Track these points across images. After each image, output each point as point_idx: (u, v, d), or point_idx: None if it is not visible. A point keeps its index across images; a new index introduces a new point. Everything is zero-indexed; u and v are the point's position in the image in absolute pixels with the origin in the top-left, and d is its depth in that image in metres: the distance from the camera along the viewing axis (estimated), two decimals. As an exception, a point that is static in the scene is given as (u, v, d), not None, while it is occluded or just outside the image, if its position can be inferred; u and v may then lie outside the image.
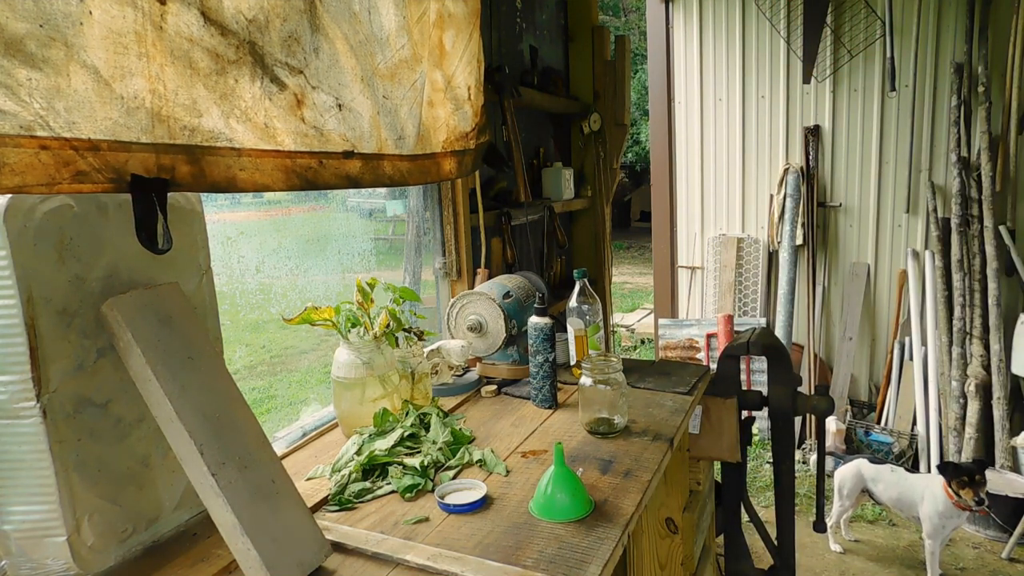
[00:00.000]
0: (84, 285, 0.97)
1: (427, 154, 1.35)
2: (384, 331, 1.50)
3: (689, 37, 4.08)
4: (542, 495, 1.14)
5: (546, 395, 1.65)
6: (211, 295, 1.20)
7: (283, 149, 1.00)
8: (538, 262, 2.93)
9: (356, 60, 1.13)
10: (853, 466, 2.85)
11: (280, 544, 0.96)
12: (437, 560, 1.01)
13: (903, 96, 3.55)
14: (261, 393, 1.89)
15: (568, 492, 1.13)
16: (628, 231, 14.36)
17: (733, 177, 4.07)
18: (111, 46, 0.76)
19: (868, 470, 2.80)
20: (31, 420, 0.91)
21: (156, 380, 0.95)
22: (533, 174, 2.90)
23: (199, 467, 0.94)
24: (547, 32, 3.01)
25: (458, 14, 1.36)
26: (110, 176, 0.78)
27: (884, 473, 2.76)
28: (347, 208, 2.11)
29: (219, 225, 1.54)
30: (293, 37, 1.00)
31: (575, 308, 1.75)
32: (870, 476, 2.79)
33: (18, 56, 0.68)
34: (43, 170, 0.71)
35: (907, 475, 2.74)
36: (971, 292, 3.28)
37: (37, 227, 0.90)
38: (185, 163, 0.87)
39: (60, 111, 0.72)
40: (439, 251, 2.22)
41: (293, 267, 1.82)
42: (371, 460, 1.30)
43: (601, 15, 4.32)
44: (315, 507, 1.19)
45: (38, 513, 0.94)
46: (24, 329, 0.89)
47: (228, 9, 0.89)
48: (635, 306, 7.73)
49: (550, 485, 1.13)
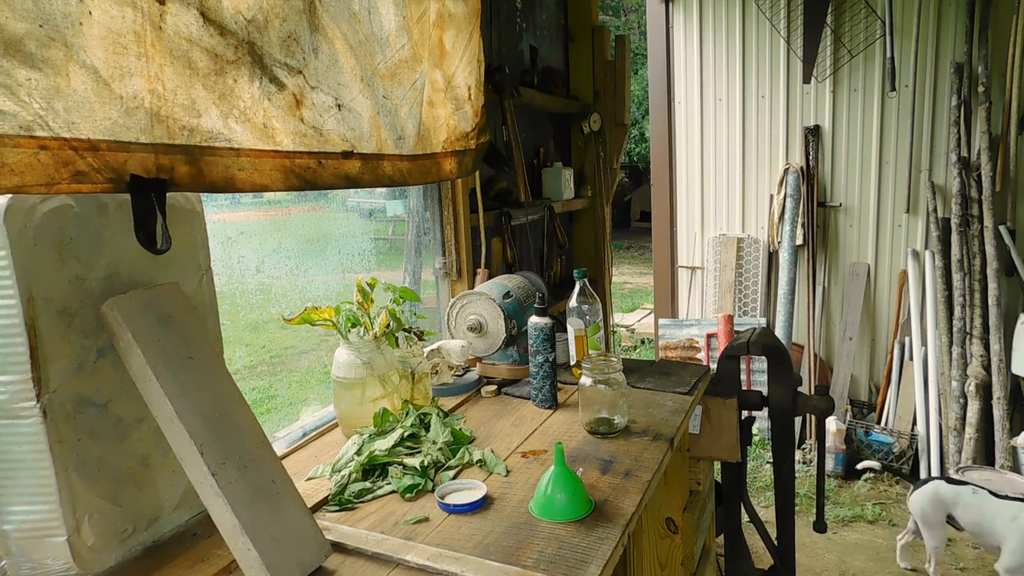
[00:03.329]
0: (84, 285, 0.97)
1: (427, 154, 1.35)
2: (384, 331, 1.50)
3: (689, 37, 4.08)
4: (542, 495, 1.15)
5: (546, 395, 1.65)
6: (211, 295, 1.20)
7: (282, 149, 1.00)
8: (538, 262, 2.93)
9: (356, 60, 1.13)
10: (929, 490, 2.50)
11: (280, 544, 0.96)
12: (437, 560, 1.01)
13: (903, 96, 3.55)
14: (261, 393, 1.89)
15: (568, 492, 1.13)
16: (628, 231, 14.36)
17: (733, 177, 4.07)
18: (110, 46, 0.76)
19: (947, 492, 2.46)
20: (31, 420, 0.91)
21: (156, 380, 0.95)
22: (533, 174, 2.90)
23: (199, 467, 0.94)
24: (547, 32, 3.01)
25: (458, 14, 1.36)
26: (109, 176, 0.78)
27: (964, 495, 2.42)
28: (347, 208, 2.11)
29: (219, 225, 1.54)
30: (292, 37, 1.00)
31: (575, 308, 1.75)
32: (950, 499, 2.45)
33: (17, 56, 0.68)
34: (42, 170, 0.71)
35: (990, 498, 2.37)
36: (971, 292, 3.28)
37: (37, 227, 0.90)
38: (184, 163, 0.87)
39: (59, 111, 0.72)
40: (439, 251, 2.22)
41: (293, 267, 1.82)
42: (371, 460, 1.30)
43: (601, 15, 4.32)
44: (315, 507, 1.19)
45: (38, 513, 0.94)
46: (24, 329, 0.89)
47: (227, 9, 0.89)
48: (635, 306, 7.73)
49: (550, 485, 1.14)
